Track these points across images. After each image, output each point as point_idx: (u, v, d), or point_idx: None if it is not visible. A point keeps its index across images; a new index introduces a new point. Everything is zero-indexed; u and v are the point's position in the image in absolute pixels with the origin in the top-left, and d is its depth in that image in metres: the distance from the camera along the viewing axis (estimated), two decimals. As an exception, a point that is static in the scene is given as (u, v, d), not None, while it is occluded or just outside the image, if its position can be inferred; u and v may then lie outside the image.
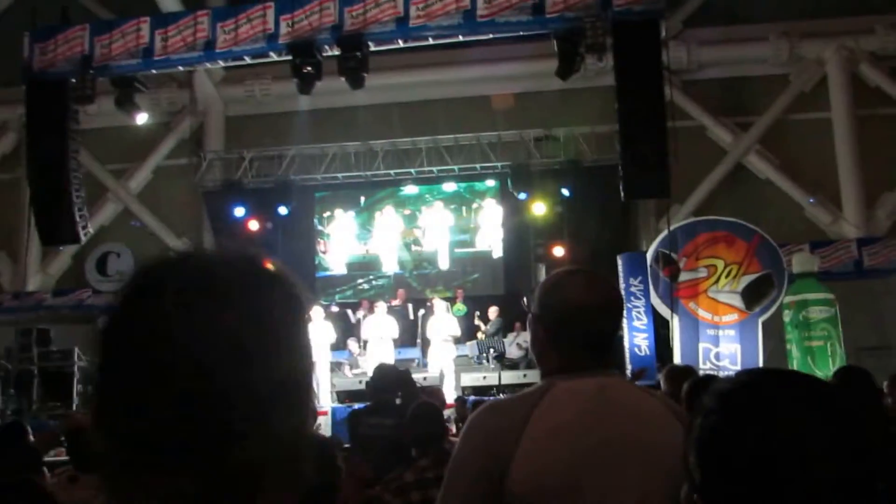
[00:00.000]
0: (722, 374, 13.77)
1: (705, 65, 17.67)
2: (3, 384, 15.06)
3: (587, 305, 2.08)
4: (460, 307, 16.83)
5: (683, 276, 14.31)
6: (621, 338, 13.28)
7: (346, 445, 5.95)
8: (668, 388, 5.18)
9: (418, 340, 15.64)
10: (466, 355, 15.68)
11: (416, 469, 4.18)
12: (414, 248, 18.50)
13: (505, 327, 15.80)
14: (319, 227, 18.80)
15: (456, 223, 18.45)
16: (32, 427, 9.62)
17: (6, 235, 19.29)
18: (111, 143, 18.77)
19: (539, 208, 17.03)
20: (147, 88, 14.33)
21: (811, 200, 17.34)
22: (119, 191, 19.74)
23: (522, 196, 17.19)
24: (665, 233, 14.63)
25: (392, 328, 14.80)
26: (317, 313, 14.03)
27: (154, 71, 13.79)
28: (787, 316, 14.03)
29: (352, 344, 15.43)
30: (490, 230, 18.32)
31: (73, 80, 13.24)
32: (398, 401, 6.12)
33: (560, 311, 2.09)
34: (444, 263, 18.36)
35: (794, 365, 13.62)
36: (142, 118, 14.33)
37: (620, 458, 1.88)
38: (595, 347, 2.09)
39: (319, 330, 13.85)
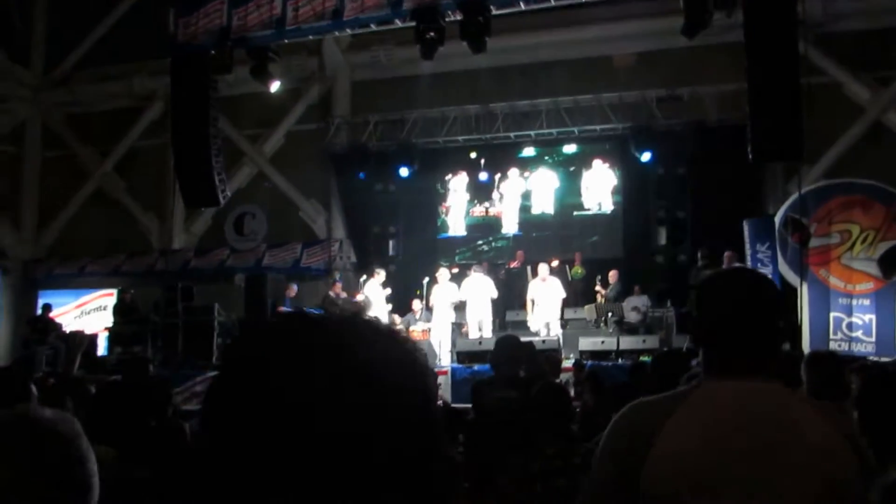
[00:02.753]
0: (854, 345, 12.10)
1: (842, 16, 15.51)
2: (151, 337, 15.34)
3: (745, 307, 1.93)
4: (578, 270, 16.03)
5: (814, 242, 12.95)
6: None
7: (471, 417, 5.60)
8: (810, 378, 4.26)
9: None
10: (584, 318, 14.81)
11: (543, 457, 3.91)
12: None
13: (625, 291, 14.84)
14: (444, 190, 18.09)
15: (568, 185, 17.32)
16: (176, 379, 10.50)
17: (154, 198, 19.59)
18: (247, 109, 18.37)
19: (661, 170, 15.96)
20: (279, 57, 14.00)
21: (961, 161, 14.85)
22: (254, 155, 19.54)
23: (645, 157, 16.03)
24: (795, 196, 13.15)
25: (488, 289, 14.14)
26: (442, 275, 14.04)
27: (286, 40, 13.43)
28: (928, 285, 12.12)
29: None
30: (603, 192, 17.30)
31: (213, 52, 13.28)
32: (522, 373, 5.66)
33: (716, 312, 1.97)
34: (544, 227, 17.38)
35: (935, 338, 11.75)
36: (275, 86, 14.02)
37: (755, 469, 1.73)
38: (751, 351, 1.91)
39: (443, 291, 13.84)
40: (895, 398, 2.77)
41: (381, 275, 14.64)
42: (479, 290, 14.15)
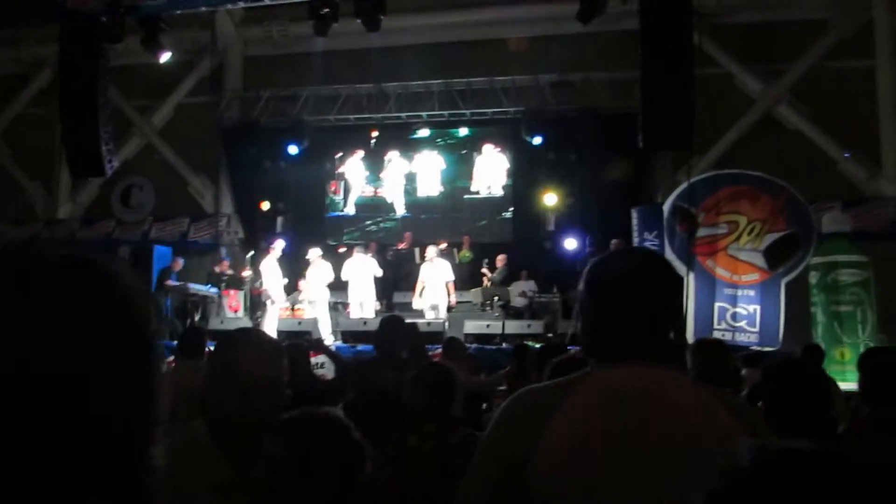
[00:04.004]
0: (738, 335, 11.15)
1: (736, 8, 14.27)
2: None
3: (638, 288, 1.64)
4: (466, 254, 14.71)
5: (702, 232, 11.69)
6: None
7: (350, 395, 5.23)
8: (697, 365, 3.72)
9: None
10: (470, 302, 13.71)
11: (420, 434, 3.49)
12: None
13: (511, 276, 13.82)
14: (334, 169, 16.63)
15: (459, 168, 15.96)
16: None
17: (41, 167, 18.02)
18: (137, 80, 16.29)
19: (552, 155, 14.65)
20: (171, 28, 12.73)
21: (846, 155, 13.79)
22: (143, 126, 17.75)
23: (536, 141, 14.69)
24: (684, 185, 11.93)
25: (371, 269, 13.33)
26: (313, 254, 13.18)
27: (178, 11, 12.39)
28: (813, 278, 11.54)
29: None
30: (494, 176, 15.97)
31: (104, 19, 11.89)
32: (404, 354, 5.36)
33: (606, 293, 1.66)
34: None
35: (819, 331, 11.18)
36: (165, 56, 12.59)
37: (643, 459, 1.50)
38: (643, 335, 1.64)
39: (317, 270, 13.01)
40: (798, 388, 2.59)
41: (276, 250, 13.39)
42: (362, 270, 13.28)
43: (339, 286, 13.36)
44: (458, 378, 3.72)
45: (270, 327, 12.33)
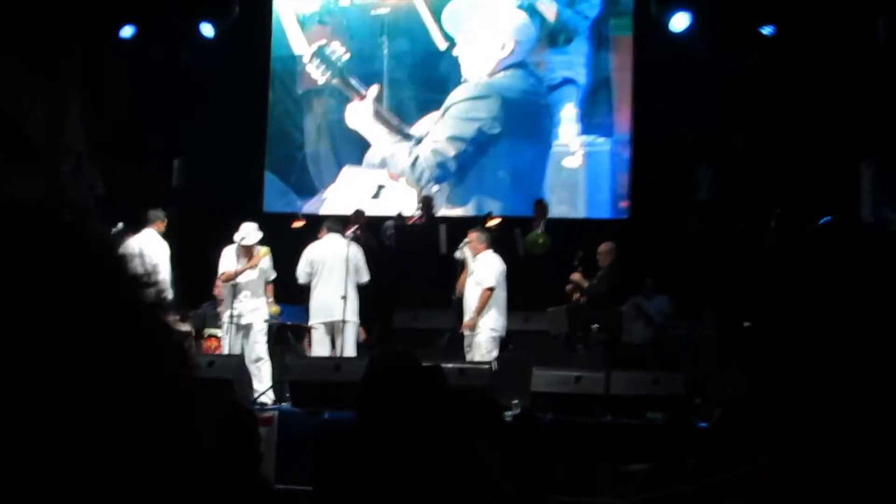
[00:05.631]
0: None
1: None
2: None
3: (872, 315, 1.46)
4: (539, 237, 14.59)
5: None
6: None
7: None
8: None
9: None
10: (545, 331, 13.82)
11: None
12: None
13: (624, 284, 13.56)
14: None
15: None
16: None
17: None
18: None
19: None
20: None
21: None
22: None
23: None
24: None
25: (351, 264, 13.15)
26: (248, 233, 13.10)
27: None
28: None
29: None
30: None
31: None
32: (415, 427, 5.00)
33: (832, 320, 1.47)
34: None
35: None
36: None
37: None
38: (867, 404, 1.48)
39: (254, 264, 13.14)
40: None
41: (160, 222, 13.39)
42: (336, 265, 13.00)
43: (290, 295, 13.44)
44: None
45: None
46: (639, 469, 8.06)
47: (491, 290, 12.71)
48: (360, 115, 17.19)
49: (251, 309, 12.92)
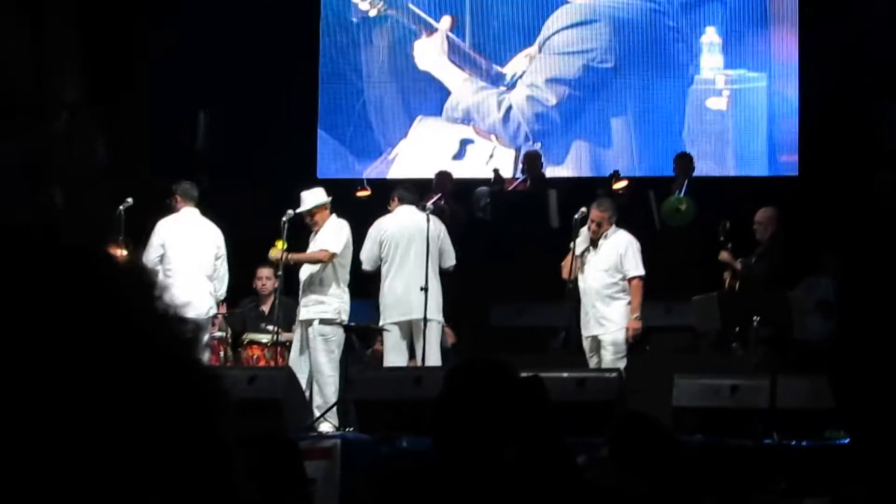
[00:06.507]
0: None
1: None
2: None
3: None
4: (679, 202, 14.49)
5: None
6: None
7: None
8: None
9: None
10: (688, 329, 13.72)
11: None
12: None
13: (790, 262, 13.46)
14: None
15: None
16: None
17: None
18: None
19: None
20: None
21: None
22: None
23: None
24: None
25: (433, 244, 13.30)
26: (313, 201, 13.12)
27: None
28: None
29: None
30: None
31: None
32: (511, 453, 4.75)
33: None
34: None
35: None
36: None
37: None
38: None
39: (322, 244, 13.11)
40: None
41: (188, 199, 13.15)
42: (413, 247, 12.85)
43: (355, 287, 13.17)
44: None
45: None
46: None
47: (643, 278, 12.67)
48: (432, 54, 16.94)
49: (309, 303, 12.73)
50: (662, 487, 5.67)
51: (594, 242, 12.86)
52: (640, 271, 12.67)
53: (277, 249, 13.58)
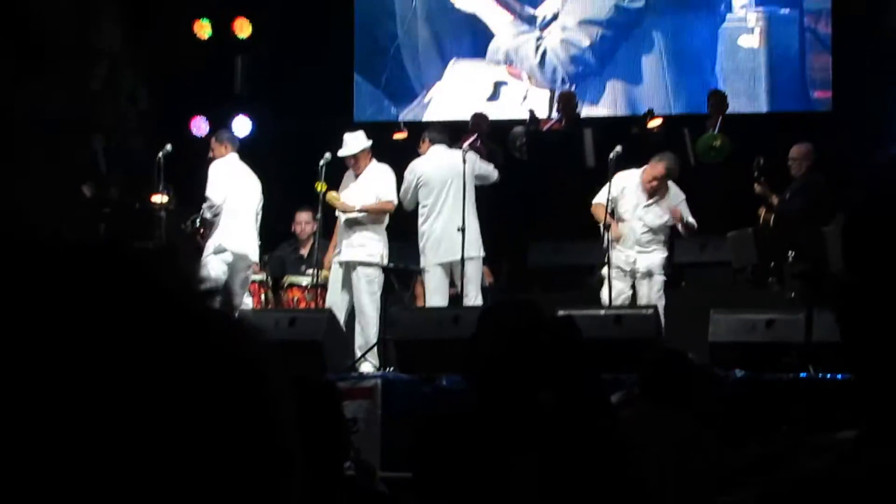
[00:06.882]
0: None
1: None
2: None
3: None
4: (715, 138, 14.61)
5: None
6: None
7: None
8: None
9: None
10: (725, 263, 14.09)
11: None
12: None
13: (824, 202, 13.24)
14: None
15: None
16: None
17: None
18: None
19: None
20: None
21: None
22: None
23: None
24: None
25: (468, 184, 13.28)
26: (356, 146, 13.41)
27: None
28: None
29: None
30: None
31: None
32: (547, 398, 4.80)
33: None
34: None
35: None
36: None
37: None
38: None
39: (363, 187, 13.22)
40: None
41: (232, 146, 13.06)
42: (447, 188, 12.87)
43: (394, 228, 13.18)
44: None
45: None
46: (849, 437, 7.77)
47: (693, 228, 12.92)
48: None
49: (351, 245, 12.74)
50: (696, 422, 5.76)
51: (651, 194, 12.84)
52: (687, 217, 12.73)
53: (331, 194, 13.35)
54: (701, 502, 5.31)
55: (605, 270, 12.90)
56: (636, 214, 12.97)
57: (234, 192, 12.96)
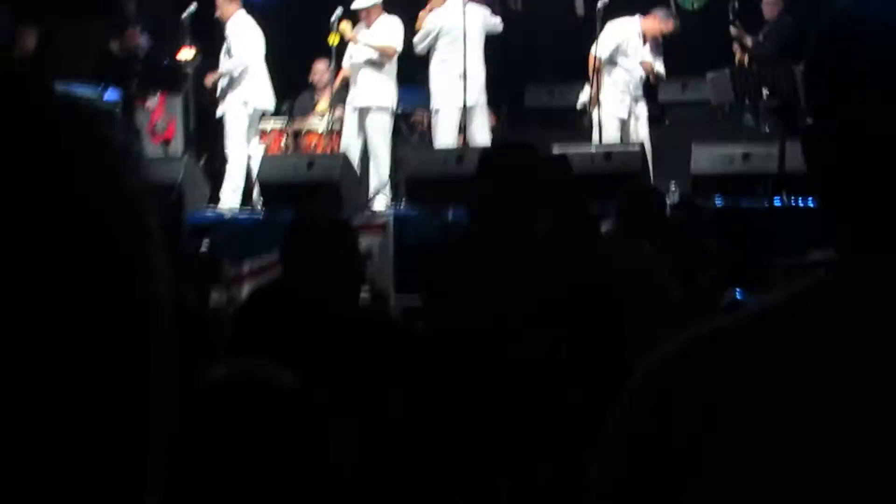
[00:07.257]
0: None
1: None
2: None
3: None
4: None
5: None
6: None
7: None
8: None
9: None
10: (705, 101, 14.17)
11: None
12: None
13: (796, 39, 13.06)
14: None
15: None
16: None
17: None
18: None
19: None
20: None
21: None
22: None
23: None
24: None
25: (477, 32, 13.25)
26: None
27: None
28: None
29: None
30: None
31: None
32: (542, 228, 5.32)
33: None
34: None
35: None
36: None
37: None
38: None
39: (372, 34, 13.22)
40: None
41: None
42: (462, 37, 12.77)
43: (401, 72, 13.27)
44: None
45: (237, 174, 12.90)
46: (819, 259, 8.14)
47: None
48: None
49: (364, 91, 12.94)
50: (656, 256, 5.90)
51: (653, 45, 13.10)
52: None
53: (344, 23, 13.38)
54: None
55: (595, 112, 12.94)
56: (635, 61, 13.11)
57: (254, 48, 13.06)
